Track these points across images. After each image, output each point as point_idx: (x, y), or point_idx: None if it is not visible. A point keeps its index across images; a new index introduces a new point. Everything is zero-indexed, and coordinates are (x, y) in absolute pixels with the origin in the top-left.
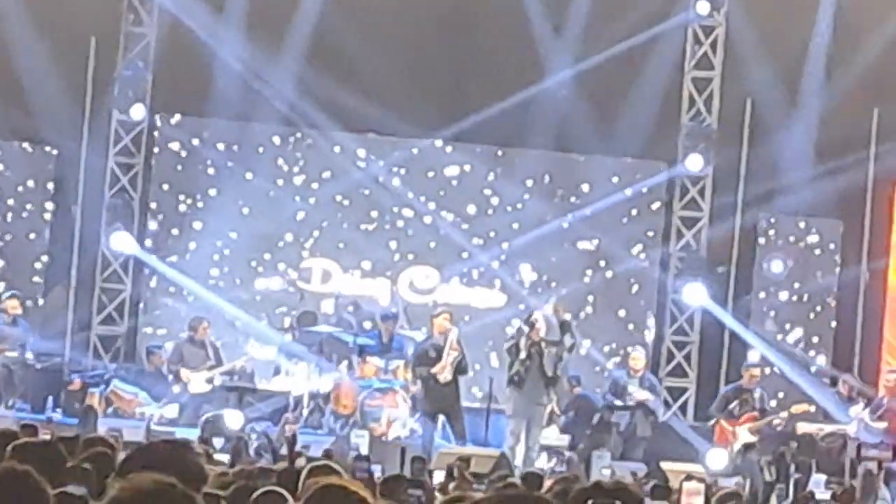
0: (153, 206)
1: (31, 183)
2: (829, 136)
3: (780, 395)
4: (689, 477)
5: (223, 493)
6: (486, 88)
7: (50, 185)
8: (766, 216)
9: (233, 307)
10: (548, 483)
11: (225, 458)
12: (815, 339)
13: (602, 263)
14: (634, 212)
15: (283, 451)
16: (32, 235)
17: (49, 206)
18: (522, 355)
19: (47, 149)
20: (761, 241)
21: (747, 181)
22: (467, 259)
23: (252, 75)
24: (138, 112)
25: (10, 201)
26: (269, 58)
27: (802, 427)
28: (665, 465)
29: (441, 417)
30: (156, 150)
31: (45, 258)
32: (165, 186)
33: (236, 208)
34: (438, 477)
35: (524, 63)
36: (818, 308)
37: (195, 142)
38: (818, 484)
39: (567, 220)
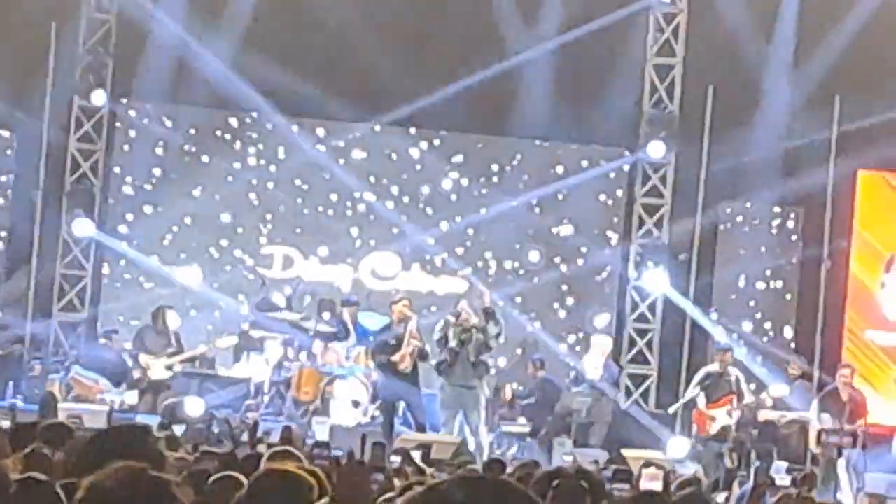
0: (113, 191)
1: None
2: (791, 123)
3: (752, 386)
4: (648, 463)
5: (181, 478)
6: (447, 74)
7: (9, 171)
8: (728, 203)
9: (209, 289)
10: (509, 470)
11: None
12: (777, 327)
13: (568, 251)
14: (602, 198)
15: (244, 437)
16: None
17: (8, 191)
18: (452, 344)
19: (6, 133)
20: (723, 228)
21: (709, 169)
22: (430, 246)
23: (211, 60)
24: (99, 98)
25: None
26: (229, 42)
27: (764, 414)
28: (626, 453)
29: (402, 404)
30: (115, 135)
31: (1, 245)
32: (120, 170)
33: (193, 193)
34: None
35: (486, 48)
36: (779, 296)
37: (153, 126)
38: (779, 470)
39: (534, 207)
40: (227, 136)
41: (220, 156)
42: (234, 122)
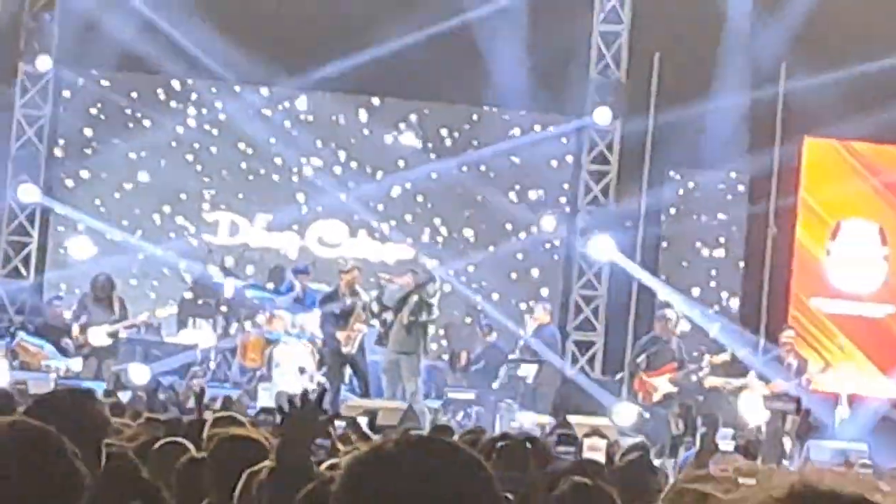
0: (58, 157)
1: None
2: (739, 90)
3: (703, 347)
4: (589, 434)
5: (127, 444)
6: (396, 38)
7: None
8: (675, 171)
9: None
10: (456, 437)
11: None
12: (723, 294)
13: (517, 218)
14: (553, 165)
15: (190, 404)
16: None
17: None
18: (386, 317)
19: None
20: (670, 195)
21: (656, 136)
22: (377, 212)
23: (156, 25)
24: (44, 63)
25: None
26: (175, 8)
27: (710, 381)
28: (572, 419)
29: (348, 372)
30: (59, 101)
31: None
32: (64, 136)
33: (135, 158)
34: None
35: (436, 13)
36: (728, 263)
37: (97, 91)
38: (725, 437)
39: (486, 173)
40: (170, 101)
41: (163, 120)
42: (176, 85)
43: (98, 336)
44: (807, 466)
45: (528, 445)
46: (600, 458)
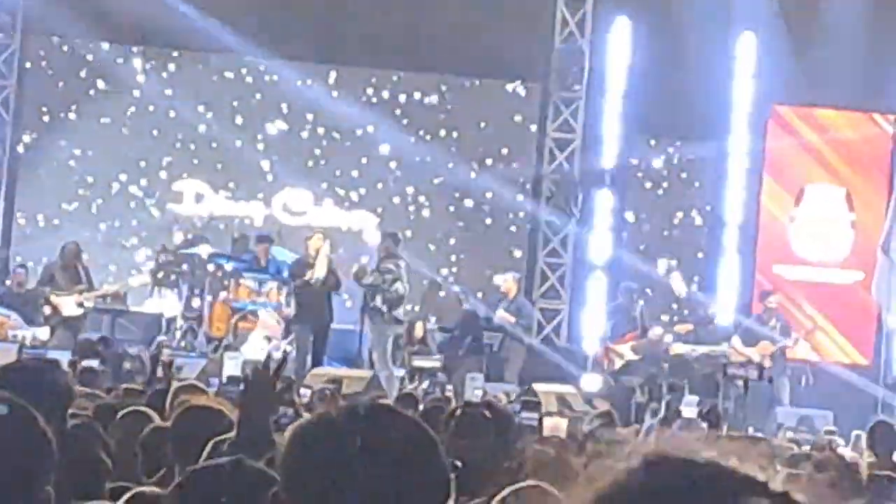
0: (23, 126)
1: None
2: (707, 56)
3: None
4: (550, 413)
5: (91, 413)
6: (365, 11)
7: None
8: (641, 138)
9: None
10: (421, 407)
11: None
12: (687, 263)
13: (483, 186)
14: (515, 133)
15: (158, 373)
16: None
17: None
18: (367, 280)
19: None
20: (637, 163)
21: (621, 103)
22: (345, 180)
23: None
24: (10, 33)
25: None
26: None
27: (676, 348)
28: (538, 387)
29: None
30: (24, 70)
31: None
32: (28, 105)
33: (94, 126)
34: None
35: None
36: (690, 231)
37: (56, 59)
38: (690, 404)
39: (450, 143)
40: (128, 65)
41: (120, 85)
42: (135, 49)
43: (68, 307)
44: (780, 434)
45: (487, 413)
46: (562, 434)
